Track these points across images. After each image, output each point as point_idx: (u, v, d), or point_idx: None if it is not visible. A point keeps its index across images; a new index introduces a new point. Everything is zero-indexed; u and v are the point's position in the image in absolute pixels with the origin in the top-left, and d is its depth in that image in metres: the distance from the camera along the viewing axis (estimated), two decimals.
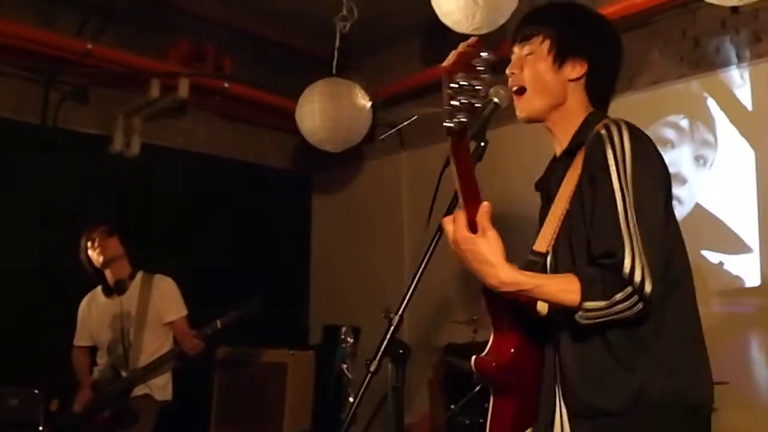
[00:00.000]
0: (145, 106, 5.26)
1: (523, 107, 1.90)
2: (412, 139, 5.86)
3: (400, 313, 1.65)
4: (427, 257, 1.69)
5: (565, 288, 1.55)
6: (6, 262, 4.60)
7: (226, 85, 5.43)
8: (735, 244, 3.93)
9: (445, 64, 1.48)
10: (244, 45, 5.66)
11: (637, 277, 1.51)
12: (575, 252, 1.71)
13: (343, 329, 4.25)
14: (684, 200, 4.10)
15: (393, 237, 5.79)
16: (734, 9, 4.02)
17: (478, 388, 4.28)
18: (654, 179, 1.67)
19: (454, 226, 1.57)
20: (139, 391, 3.95)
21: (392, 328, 1.64)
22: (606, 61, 1.92)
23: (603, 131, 1.69)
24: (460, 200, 1.57)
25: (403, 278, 5.52)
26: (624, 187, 1.59)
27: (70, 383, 4.10)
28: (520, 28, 1.95)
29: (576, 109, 1.89)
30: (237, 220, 5.86)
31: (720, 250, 3.97)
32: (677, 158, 4.17)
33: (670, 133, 4.22)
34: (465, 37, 4.40)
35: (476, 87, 1.43)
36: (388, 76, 5.71)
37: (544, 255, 1.77)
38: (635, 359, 1.62)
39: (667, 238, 1.66)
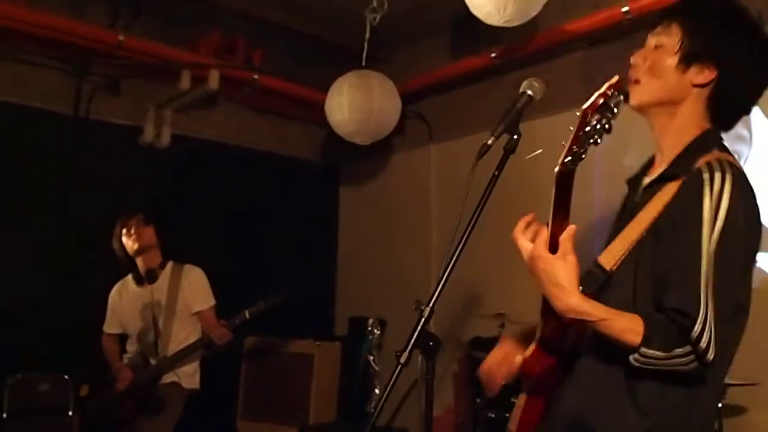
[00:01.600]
0: (175, 97, 5.29)
1: (635, 94, 1.77)
2: (441, 131, 5.84)
3: (431, 305, 1.65)
4: (458, 250, 1.68)
5: (629, 328, 1.51)
6: (37, 250, 4.67)
7: (255, 76, 5.45)
8: None
9: (587, 105, 1.48)
10: (274, 37, 5.67)
11: (703, 344, 1.48)
12: (637, 286, 1.64)
13: (370, 321, 4.26)
14: None
15: (420, 230, 5.78)
16: None
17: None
18: (741, 241, 1.58)
19: (535, 242, 1.56)
20: (167, 378, 3.99)
21: (423, 320, 1.64)
22: (742, 76, 1.72)
23: (706, 173, 1.57)
24: (549, 217, 1.56)
25: (429, 271, 5.51)
26: (712, 244, 1.52)
27: (100, 369, 4.16)
28: (659, 15, 1.79)
29: (689, 118, 1.74)
30: (265, 211, 5.89)
31: None
32: None
33: None
34: (495, 29, 4.37)
35: (605, 126, 1.41)
36: (417, 69, 5.69)
37: (608, 273, 1.66)
38: (652, 406, 1.59)
39: (733, 298, 1.59)
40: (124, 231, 4.10)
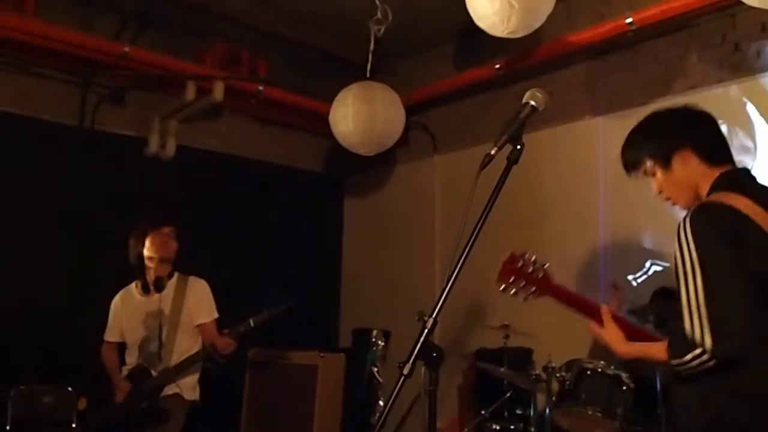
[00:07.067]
0: (180, 108, 5.32)
1: (683, 207, 2.15)
2: (444, 142, 5.85)
3: (434, 316, 1.64)
4: (462, 261, 1.68)
5: (660, 350, 1.97)
6: (42, 260, 4.67)
7: (260, 88, 5.47)
8: None
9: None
10: (279, 49, 5.70)
11: (707, 344, 1.81)
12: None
13: (374, 332, 4.24)
14: None
15: (424, 241, 5.78)
16: None
17: (508, 395, 4.26)
18: (715, 254, 1.89)
19: (605, 328, 2.11)
20: (169, 390, 3.96)
21: (426, 331, 1.63)
22: (703, 131, 2.15)
23: (680, 222, 1.97)
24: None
25: (434, 283, 5.50)
26: (688, 272, 1.90)
27: (100, 381, 4.14)
28: (626, 166, 2.22)
29: (699, 180, 2.11)
30: (269, 222, 5.90)
31: None
32: None
33: None
34: (499, 40, 4.39)
35: None
36: (421, 80, 5.70)
37: None
38: (710, 401, 1.91)
39: (738, 296, 1.86)
40: (152, 234, 4.04)
